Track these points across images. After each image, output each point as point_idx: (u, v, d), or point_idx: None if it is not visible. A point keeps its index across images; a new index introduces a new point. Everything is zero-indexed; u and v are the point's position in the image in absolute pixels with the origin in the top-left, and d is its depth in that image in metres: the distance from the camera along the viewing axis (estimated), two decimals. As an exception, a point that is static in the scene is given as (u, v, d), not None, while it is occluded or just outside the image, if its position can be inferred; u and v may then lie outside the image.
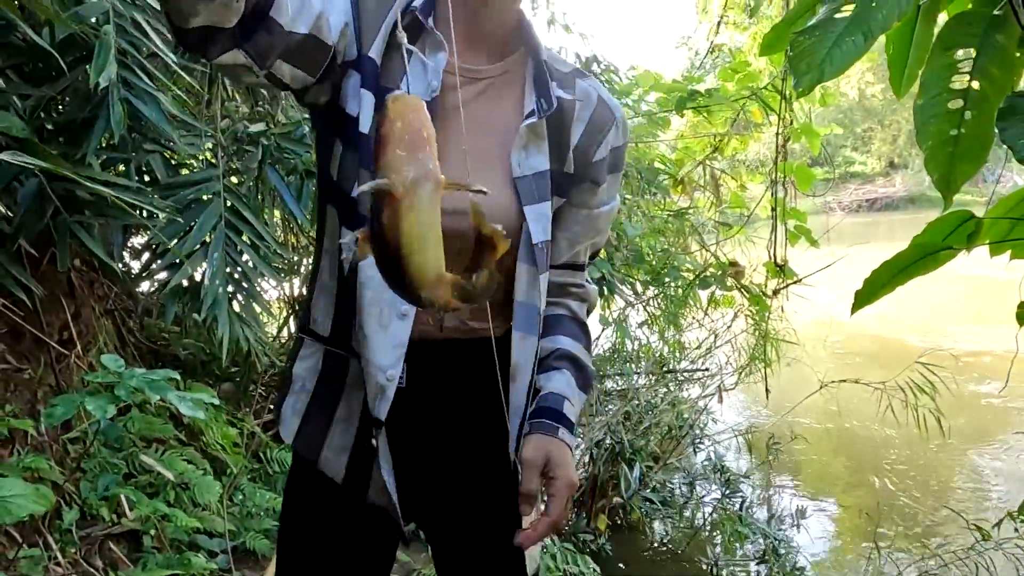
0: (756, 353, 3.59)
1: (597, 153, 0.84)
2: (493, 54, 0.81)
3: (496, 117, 0.80)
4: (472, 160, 0.72)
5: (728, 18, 3.83)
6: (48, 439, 1.40)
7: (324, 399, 0.83)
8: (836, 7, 1.06)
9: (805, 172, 3.09)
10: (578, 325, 0.91)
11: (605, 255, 3.13)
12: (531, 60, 0.81)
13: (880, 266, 1.32)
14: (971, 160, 0.98)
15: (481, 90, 0.80)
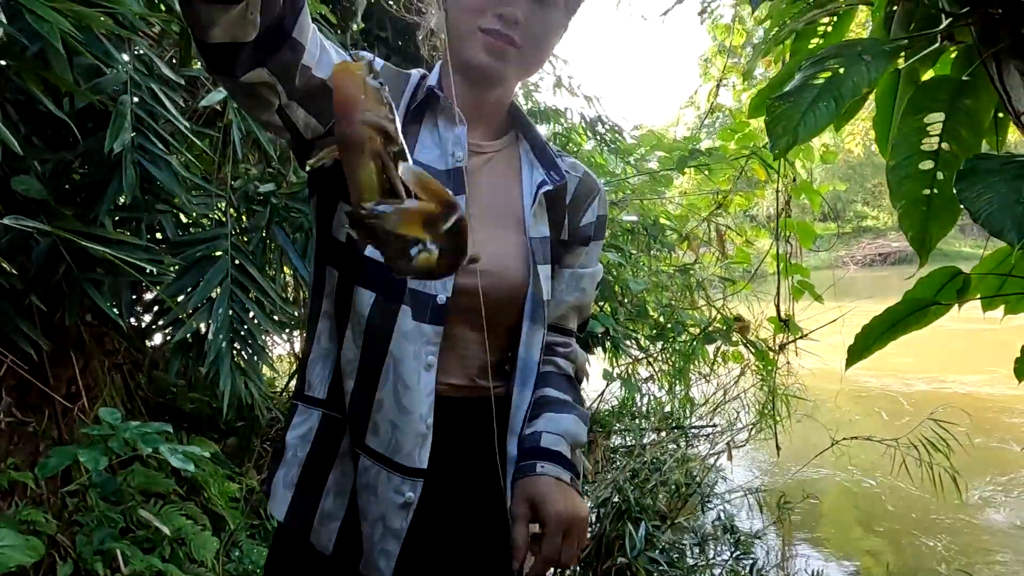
0: (766, 409, 3.55)
1: (584, 219, 0.92)
2: (492, 132, 0.89)
3: (500, 186, 0.87)
4: (490, 221, 0.83)
5: (728, 81, 3.95)
6: (47, 492, 1.42)
7: (316, 467, 0.82)
8: (811, 75, 1.12)
9: (807, 228, 3.13)
10: (565, 379, 0.92)
11: (609, 310, 3.16)
12: (525, 139, 0.91)
13: (871, 321, 1.34)
14: (944, 219, 1.01)
15: (486, 162, 0.87)
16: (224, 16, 0.57)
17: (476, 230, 0.77)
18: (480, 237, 0.79)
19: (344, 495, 0.81)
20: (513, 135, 0.91)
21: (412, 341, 0.78)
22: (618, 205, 3.83)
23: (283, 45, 0.64)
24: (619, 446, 3.78)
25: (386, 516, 0.78)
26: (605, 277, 3.04)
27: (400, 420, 0.77)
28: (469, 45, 0.79)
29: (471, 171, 0.83)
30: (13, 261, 1.33)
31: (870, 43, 1.19)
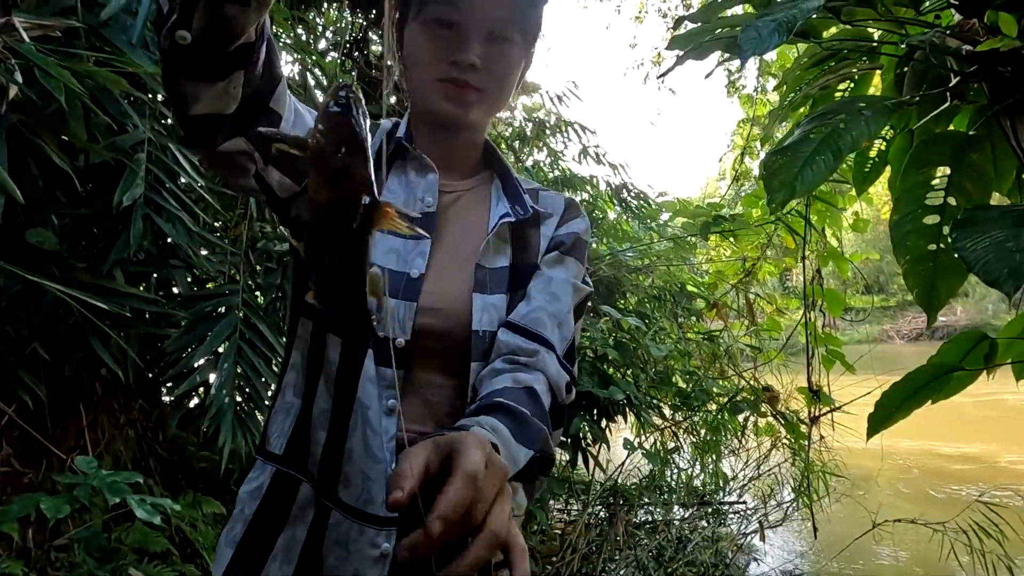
0: (801, 487, 3.37)
1: (560, 231, 0.89)
2: (466, 171, 0.90)
3: (468, 223, 0.86)
4: (446, 256, 0.81)
5: (753, 147, 3.96)
6: (33, 545, 1.40)
7: (264, 527, 0.78)
8: (810, 129, 1.10)
9: (836, 296, 3.04)
10: (523, 391, 0.74)
11: (631, 378, 3.08)
12: (497, 179, 0.90)
13: (891, 388, 1.26)
14: (953, 275, 0.96)
15: (454, 201, 0.87)
16: (208, 91, 0.59)
17: (434, 270, 0.79)
18: (434, 277, 0.79)
19: (291, 563, 0.77)
20: (487, 174, 0.91)
21: (377, 385, 0.75)
22: (643, 271, 3.81)
23: (260, 115, 0.66)
24: (643, 522, 3.60)
25: (360, 572, 0.74)
26: (627, 343, 2.97)
27: (370, 469, 0.74)
28: (430, 96, 0.81)
29: (439, 212, 0.84)
30: (22, 310, 1.36)
31: (870, 99, 1.17)
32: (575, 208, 0.92)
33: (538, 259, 0.87)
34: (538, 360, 0.78)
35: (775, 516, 3.69)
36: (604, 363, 2.99)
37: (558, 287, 0.84)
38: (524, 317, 0.80)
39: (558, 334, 0.81)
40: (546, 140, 4.18)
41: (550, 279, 0.85)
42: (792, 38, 1.19)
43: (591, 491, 3.35)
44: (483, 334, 0.79)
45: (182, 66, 0.57)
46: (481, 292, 0.80)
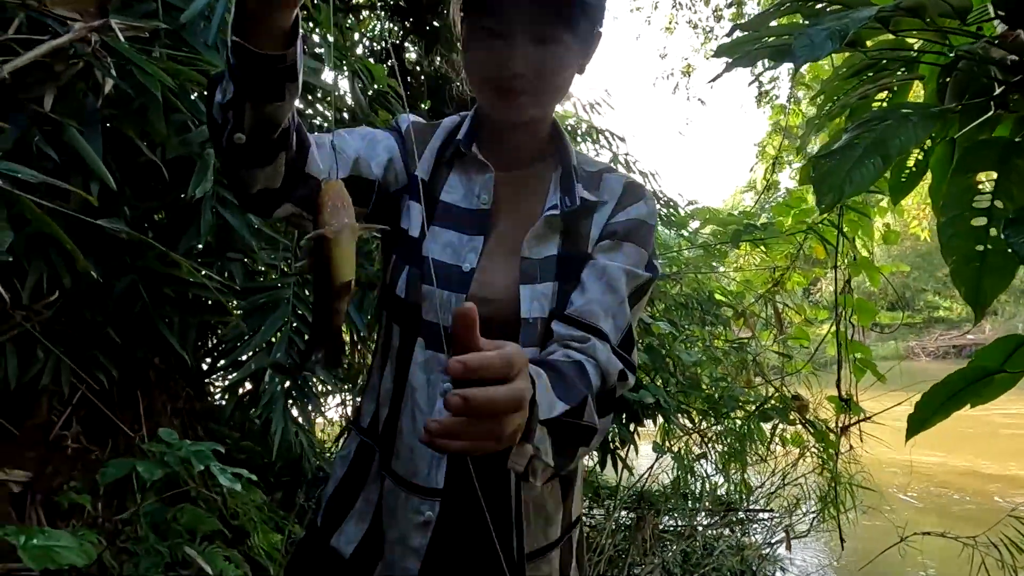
0: (828, 497, 3.35)
1: (616, 218, 0.90)
2: (524, 163, 0.93)
3: (521, 214, 0.89)
4: (498, 248, 0.86)
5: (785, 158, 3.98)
6: (103, 518, 1.47)
7: (347, 489, 0.89)
8: (857, 135, 1.14)
9: (866, 306, 3.04)
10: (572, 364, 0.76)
11: (661, 382, 3.10)
12: (560, 165, 0.92)
13: (931, 389, 1.28)
14: (1000, 275, 0.98)
15: (512, 193, 0.91)
16: (261, 173, 0.72)
17: (486, 262, 0.85)
18: (486, 269, 0.85)
19: (365, 521, 0.86)
20: (551, 162, 0.93)
21: (426, 370, 0.83)
22: (671, 279, 3.83)
23: (299, 182, 0.76)
24: (669, 527, 3.61)
25: (406, 536, 0.82)
26: (656, 348, 3.00)
27: (416, 444, 0.82)
28: (485, 99, 0.86)
29: (496, 206, 0.89)
30: (97, 296, 1.44)
31: (916, 106, 1.21)
32: (635, 192, 0.92)
33: (589, 248, 0.88)
34: (588, 346, 0.79)
35: (800, 527, 3.68)
36: (634, 367, 3.01)
37: (612, 275, 0.84)
38: (577, 309, 0.82)
39: (611, 324, 0.82)
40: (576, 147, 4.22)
41: (604, 268, 0.85)
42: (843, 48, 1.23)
43: (617, 495, 3.37)
44: (533, 321, 0.83)
45: (240, 159, 0.70)
46: (529, 283, 0.84)
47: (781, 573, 3.59)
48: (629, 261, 0.87)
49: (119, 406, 1.62)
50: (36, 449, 1.45)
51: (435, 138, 0.92)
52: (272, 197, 0.75)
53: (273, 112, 0.66)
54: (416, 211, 0.87)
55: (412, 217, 0.87)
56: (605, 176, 0.93)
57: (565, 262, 0.86)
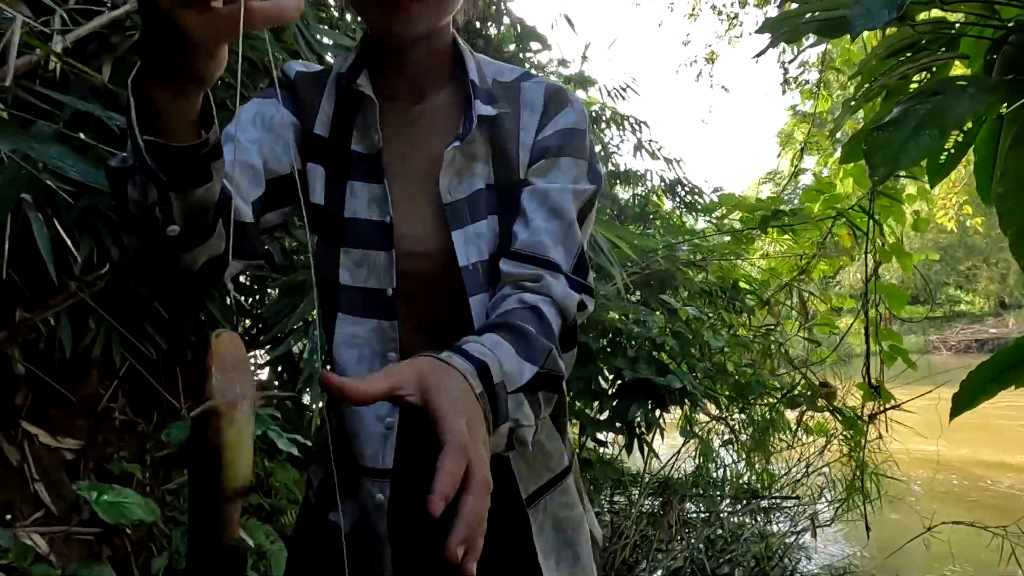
0: (855, 484, 3.33)
1: (545, 132, 0.80)
2: (428, 89, 0.81)
3: (428, 151, 0.79)
4: (401, 195, 0.77)
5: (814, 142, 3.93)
6: (151, 486, 1.50)
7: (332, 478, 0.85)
8: (910, 106, 1.12)
9: (897, 292, 3.01)
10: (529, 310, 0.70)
11: (686, 367, 3.10)
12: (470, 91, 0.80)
13: (978, 367, 1.27)
14: (1060, 246, 0.97)
15: (419, 127, 0.81)
16: (203, 248, 0.64)
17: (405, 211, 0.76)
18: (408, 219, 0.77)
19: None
20: (457, 86, 0.82)
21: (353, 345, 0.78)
22: (697, 266, 3.81)
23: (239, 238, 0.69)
24: (693, 515, 3.61)
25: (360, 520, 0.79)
26: (683, 333, 2.99)
27: (358, 426, 0.77)
28: (372, 17, 0.74)
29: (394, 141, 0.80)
30: (141, 271, 1.46)
31: (972, 79, 1.19)
32: (560, 98, 0.81)
33: (521, 171, 0.79)
34: (543, 285, 0.72)
35: (825, 516, 3.66)
36: (660, 352, 3.01)
37: (555, 199, 0.77)
38: (524, 243, 0.75)
39: (562, 251, 0.75)
40: (599, 134, 4.21)
41: (546, 192, 0.77)
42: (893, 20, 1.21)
43: (643, 482, 3.38)
44: (474, 267, 0.76)
45: (178, 247, 0.63)
46: (460, 227, 0.76)
47: (806, 561, 3.58)
48: (569, 178, 0.79)
49: (163, 380, 1.65)
50: (86, 419, 1.48)
51: (329, 83, 0.81)
52: (218, 264, 0.68)
53: (204, 194, 0.59)
54: (319, 175, 0.78)
55: (315, 180, 0.78)
56: (523, 85, 0.82)
57: (499, 192, 0.78)
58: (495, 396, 0.56)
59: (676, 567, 3.12)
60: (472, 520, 0.44)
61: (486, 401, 0.54)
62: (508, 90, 0.81)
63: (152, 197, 0.57)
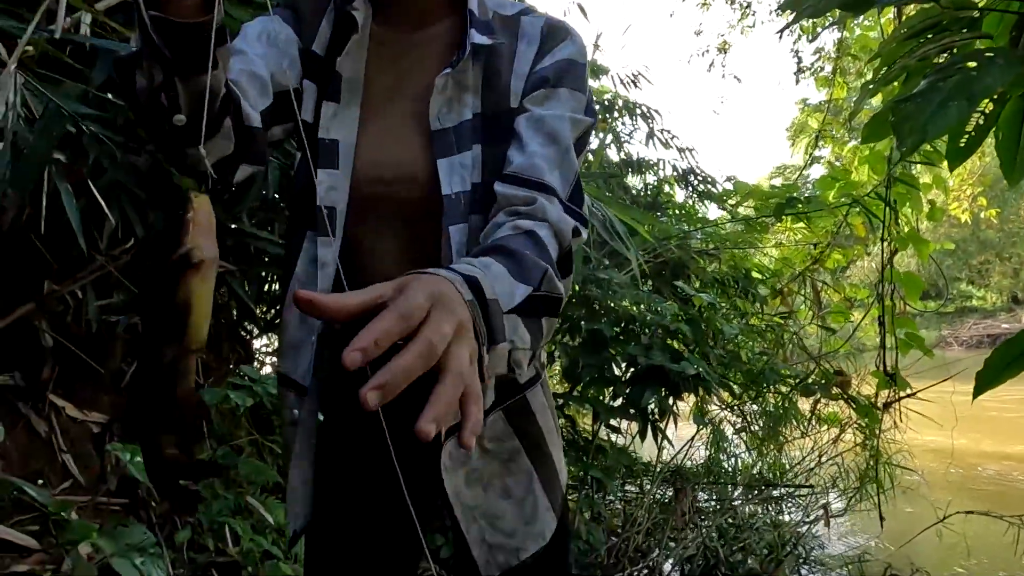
0: (868, 473, 3.32)
1: (543, 63, 0.80)
2: (422, 18, 0.82)
3: (421, 78, 0.79)
4: (389, 123, 0.78)
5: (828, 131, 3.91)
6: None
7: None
8: (938, 77, 1.11)
9: (914, 280, 2.99)
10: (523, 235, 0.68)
11: (700, 355, 3.09)
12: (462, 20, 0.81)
13: (1001, 346, 1.27)
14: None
15: (413, 55, 0.81)
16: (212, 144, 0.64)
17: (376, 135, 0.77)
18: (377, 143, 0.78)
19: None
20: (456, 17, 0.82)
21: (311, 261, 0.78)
22: (709, 254, 3.80)
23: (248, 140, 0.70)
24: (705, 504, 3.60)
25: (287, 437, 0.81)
26: (697, 320, 2.99)
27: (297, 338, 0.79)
28: None
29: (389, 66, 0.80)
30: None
31: (1000, 49, 1.18)
32: (559, 31, 0.81)
33: (513, 101, 0.78)
34: (537, 208, 0.70)
35: (838, 506, 3.65)
36: (674, 339, 3.01)
37: (552, 125, 0.76)
38: (519, 166, 0.74)
39: (558, 176, 0.74)
40: (612, 123, 4.20)
41: (542, 118, 0.76)
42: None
43: (656, 469, 3.38)
44: (456, 197, 0.75)
45: (185, 140, 0.62)
46: (446, 155, 0.76)
47: (819, 550, 3.57)
48: (567, 107, 0.78)
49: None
50: (111, 394, 1.49)
51: (330, 5, 0.82)
52: (227, 166, 0.69)
53: (210, 82, 0.59)
54: (311, 93, 0.79)
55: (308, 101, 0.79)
56: (522, 19, 0.82)
57: (487, 121, 0.78)
58: (488, 310, 0.52)
59: (689, 555, 3.12)
60: (395, 371, 0.39)
61: (477, 310, 0.51)
62: (507, 23, 0.81)
63: (158, 79, 0.58)
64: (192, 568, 1.36)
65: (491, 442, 0.81)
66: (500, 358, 0.55)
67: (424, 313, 0.43)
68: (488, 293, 0.53)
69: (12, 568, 1.02)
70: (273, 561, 1.50)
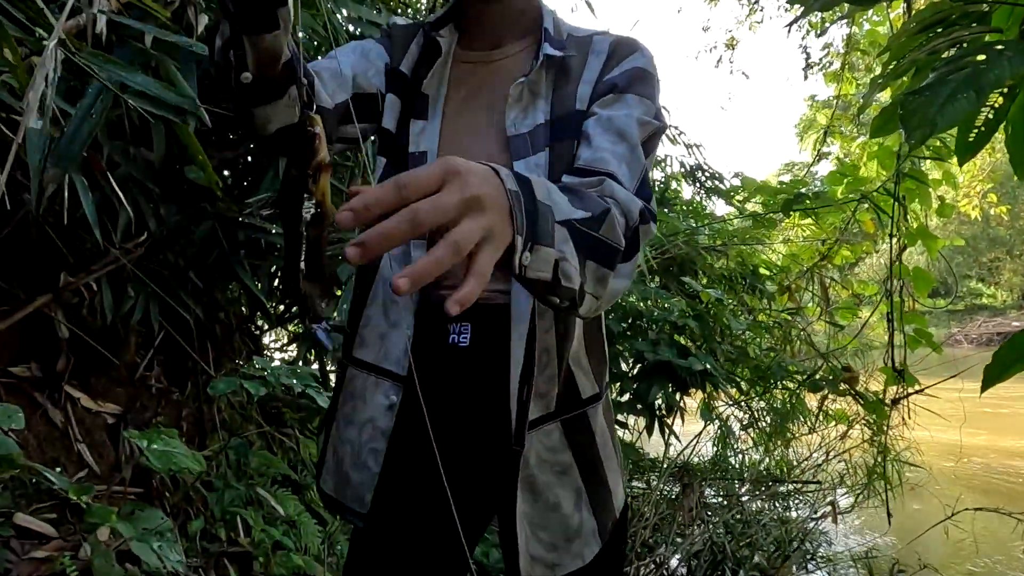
0: (876, 470, 3.32)
1: (613, 72, 0.84)
2: (501, 41, 0.89)
3: (497, 90, 0.85)
4: (468, 129, 0.84)
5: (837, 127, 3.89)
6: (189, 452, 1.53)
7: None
8: (947, 70, 1.11)
9: (923, 275, 2.97)
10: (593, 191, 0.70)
11: (707, 351, 3.09)
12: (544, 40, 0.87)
13: (1011, 339, 1.26)
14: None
15: (492, 73, 0.87)
16: (275, 109, 0.71)
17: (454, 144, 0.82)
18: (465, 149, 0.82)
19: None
20: (532, 38, 0.89)
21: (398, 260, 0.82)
22: (717, 251, 3.80)
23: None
24: (712, 500, 3.61)
25: (374, 419, 0.83)
26: (705, 316, 2.99)
27: (387, 331, 0.83)
28: None
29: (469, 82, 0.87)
30: (177, 242, 1.49)
31: (1010, 42, 1.18)
32: (629, 45, 0.86)
33: (582, 104, 0.82)
34: (604, 187, 0.71)
35: (845, 503, 3.65)
36: (681, 335, 3.01)
37: (621, 125, 0.78)
38: (587, 160, 0.76)
39: (626, 170, 0.75)
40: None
41: (610, 118, 0.79)
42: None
43: (663, 465, 3.39)
44: None
45: (251, 99, 0.70)
46: (522, 158, 0.80)
47: (826, 547, 3.57)
48: (637, 111, 0.80)
49: (197, 350, 1.68)
50: (124, 386, 1.51)
51: (416, 39, 0.90)
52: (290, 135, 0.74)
53: (272, 43, 0.66)
54: (395, 105, 0.86)
55: (389, 109, 0.86)
56: (594, 38, 0.88)
57: (556, 124, 0.82)
58: (535, 208, 0.51)
59: (695, 550, 3.12)
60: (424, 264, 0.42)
61: (519, 201, 0.50)
62: (580, 42, 0.87)
63: (226, 35, 0.66)
64: (205, 557, 1.38)
65: (546, 452, 0.83)
66: (544, 262, 0.53)
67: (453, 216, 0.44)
68: (539, 195, 0.53)
69: (31, 554, 1.05)
70: (284, 551, 1.52)
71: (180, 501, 1.43)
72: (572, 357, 0.83)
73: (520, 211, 0.49)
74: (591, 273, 0.61)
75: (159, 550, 0.99)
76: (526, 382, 0.78)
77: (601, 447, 0.88)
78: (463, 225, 0.44)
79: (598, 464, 0.87)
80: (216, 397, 1.71)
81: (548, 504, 0.83)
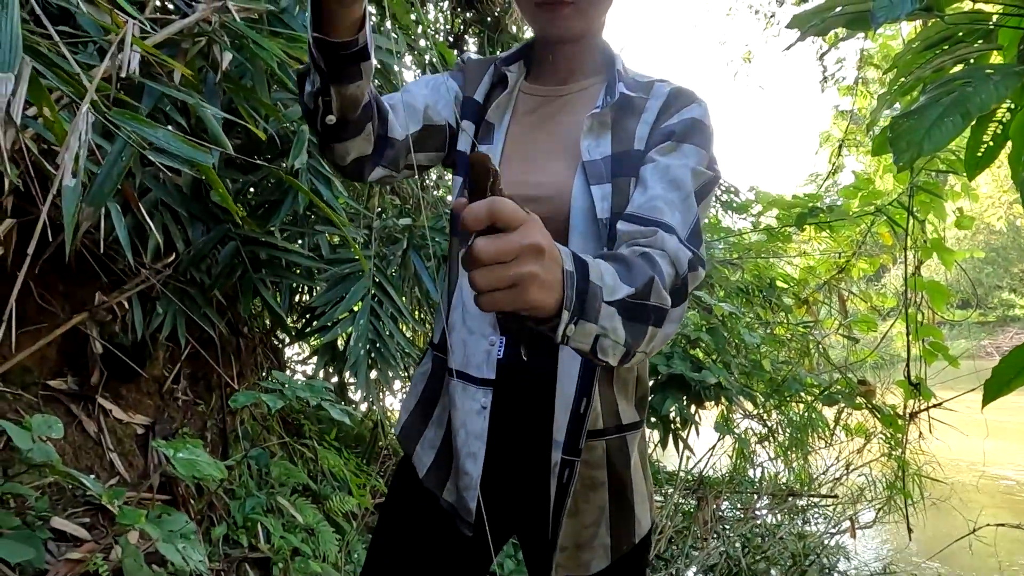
0: (896, 485, 3.29)
1: (670, 120, 0.88)
2: (571, 78, 0.97)
3: (571, 121, 0.92)
4: (541, 155, 0.90)
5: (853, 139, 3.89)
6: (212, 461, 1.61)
7: (426, 399, 0.97)
8: (936, 95, 1.15)
9: (939, 288, 2.96)
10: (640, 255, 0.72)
11: (722, 364, 3.11)
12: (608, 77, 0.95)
13: (1011, 353, 1.28)
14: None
15: (560, 105, 0.95)
16: (354, 144, 0.82)
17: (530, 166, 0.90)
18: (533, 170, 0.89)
19: (442, 427, 0.93)
20: (601, 76, 0.96)
21: None
22: (732, 264, 3.81)
23: (386, 146, 0.87)
24: (729, 513, 3.60)
25: (466, 423, 0.88)
26: (718, 329, 3.01)
27: (467, 338, 0.89)
28: (532, 20, 0.92)
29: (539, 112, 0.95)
30: (203, 261, 1.57)
31: (999, 66, 1.21)
32: (687, 95, 0.91)
33: (642, 147, 0.87)
34: (656, 239, 0.74)
35: (865, 518, 3.61)
36: (695, 348, 3.03)
37: (675, 174, 0.82)
38: (641, 207, 0.79)
39: (679, 218, 0.78)
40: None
41: (667, 167, 0.82)
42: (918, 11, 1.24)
43: (677, 478, 3.39)
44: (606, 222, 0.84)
45: (334, 137, 0.81)
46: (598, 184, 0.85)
47: (845, 562, 3.54)
48: (692, 160, 0.84)
49: (221, 364, 1.76)
50: (153, 398, 1.59)
51: (489, 72, 0.99)
52: (365, 163, 0.86)
53: (355, 91, 0.76)
54: (468, 129, 0.94)
55: (463, 135, 0.95)
56: (656, 84, 0.94)
57: (617, 160, 0.87)
58: (587, 287, 0.58)
59: (711, 563, 3.12)
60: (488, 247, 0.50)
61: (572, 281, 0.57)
62: (643, 86, 0.94)
63: (317, 86, 0.75)
64: (227, 561, 1.45)
65: (584, 465, 0.88)
66: (586, 335, 0.60)
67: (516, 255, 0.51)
68: (593, 276, 0.59)
69: (67, 555, 1.13)
70: (302, 558, 1.58)
71: (204, 508, 1.50)
72: (618, 383, 0.90)
73: (572, 288, 0.57)
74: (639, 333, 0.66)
75: (183, 550, 1.05)
76: (584, 394, 0.84)
77: (634, 471, 0.93)
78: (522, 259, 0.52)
79: (627, 486, 0.92)
80: (238, 409, 1.78)
81: (569, 511, 0.88)
